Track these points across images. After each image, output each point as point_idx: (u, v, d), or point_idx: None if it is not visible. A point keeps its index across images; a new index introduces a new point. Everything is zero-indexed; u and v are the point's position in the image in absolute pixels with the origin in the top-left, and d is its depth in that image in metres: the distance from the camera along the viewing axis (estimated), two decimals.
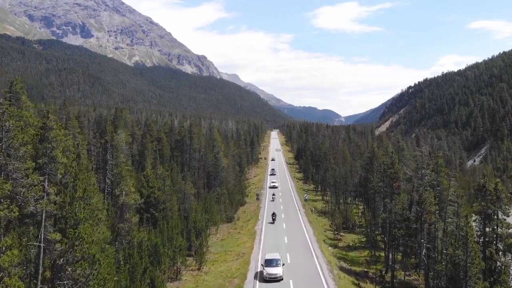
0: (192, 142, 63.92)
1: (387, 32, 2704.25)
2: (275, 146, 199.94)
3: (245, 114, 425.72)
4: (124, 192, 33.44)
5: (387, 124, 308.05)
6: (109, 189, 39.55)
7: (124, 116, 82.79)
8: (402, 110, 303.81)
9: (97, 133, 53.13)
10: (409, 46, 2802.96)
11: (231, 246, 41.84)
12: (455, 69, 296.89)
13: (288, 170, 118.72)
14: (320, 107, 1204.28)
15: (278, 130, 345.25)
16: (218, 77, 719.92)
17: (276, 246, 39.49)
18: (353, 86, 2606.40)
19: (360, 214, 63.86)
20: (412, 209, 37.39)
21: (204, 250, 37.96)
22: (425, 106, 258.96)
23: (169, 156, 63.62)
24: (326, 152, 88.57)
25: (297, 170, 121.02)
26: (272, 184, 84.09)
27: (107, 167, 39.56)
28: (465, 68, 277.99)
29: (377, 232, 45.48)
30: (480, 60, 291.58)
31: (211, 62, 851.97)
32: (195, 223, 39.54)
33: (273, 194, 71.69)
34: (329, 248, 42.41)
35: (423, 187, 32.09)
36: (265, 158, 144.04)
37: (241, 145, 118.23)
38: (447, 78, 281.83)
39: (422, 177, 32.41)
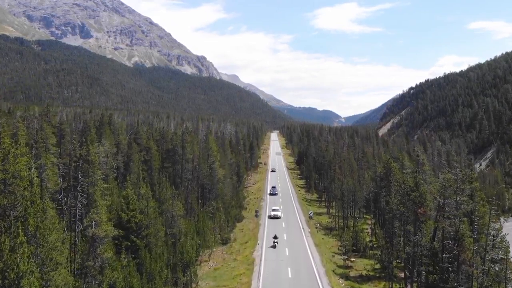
0: (185, 151, 57.95)
1: (386, 32, 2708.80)
2: (275, 149, 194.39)
3: (245, 115, 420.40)
4: (94, 223, 27.67)
5: (388, 125, 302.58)
6: (81, 213, 33.73)
7: (113, 121, 76.73)
8: (403, 111, 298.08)
9: (77, 144, 47.15)
10: (409, 46, 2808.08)
11: (225, 279, 35.91)
12: (455, 70, 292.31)
13: (289, 176, 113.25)
14: (320, 108, 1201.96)
15: (278, 131, 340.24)
16: (218, 78, 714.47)
17: (278, 284, 33.60)
18: (353, 86, 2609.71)
19: (369, 230, 58.03)
20: (436, 238, 31.63)
21: (194, 286, 32.26)
22: (427, 107, 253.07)
23: (159, 167, 57.64)
24: (330, 160, 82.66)
25: (298, 177, 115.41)
26: (273, 214, 61.74)
27: (78, 188, 33.70)
28: (467, 68, 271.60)
29: (391, 257, 39.71)
30: (480, 60, 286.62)
31: (210, 62, 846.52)
32: (182, 254, 33.67)
33: (275, 238, 46.55)
34: (340, 280, 36.60)
35: (459, 218, 26.32)
36: (265, 164, 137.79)
37: (239, 150, 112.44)
38: (449, 79, 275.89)
39: (457, 206, 26.64)
